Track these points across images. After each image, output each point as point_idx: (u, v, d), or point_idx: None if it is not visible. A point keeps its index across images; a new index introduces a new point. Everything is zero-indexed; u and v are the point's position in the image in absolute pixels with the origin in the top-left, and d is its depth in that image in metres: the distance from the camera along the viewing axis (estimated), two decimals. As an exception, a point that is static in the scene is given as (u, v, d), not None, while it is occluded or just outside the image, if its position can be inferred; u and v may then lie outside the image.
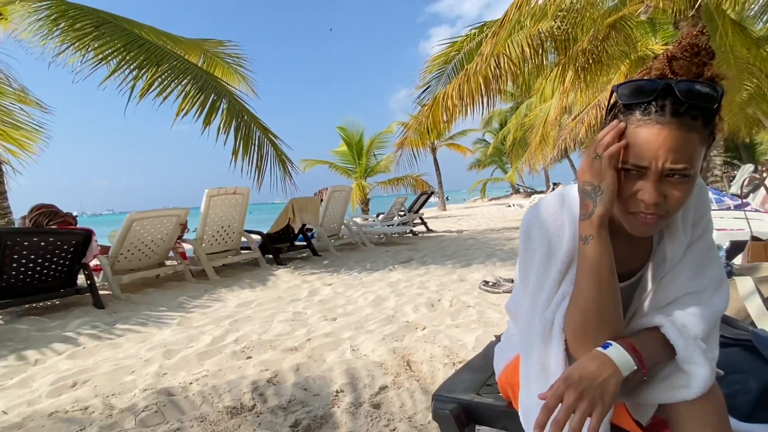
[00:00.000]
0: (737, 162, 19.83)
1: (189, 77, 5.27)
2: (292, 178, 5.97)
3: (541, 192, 26.81)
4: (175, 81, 5.16)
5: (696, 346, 0.84)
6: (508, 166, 33.17)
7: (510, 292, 3.79)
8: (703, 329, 0.86)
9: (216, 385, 2.15)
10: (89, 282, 3.99)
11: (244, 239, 5.97)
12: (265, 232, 6.24)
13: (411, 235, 9.35)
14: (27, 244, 3.64)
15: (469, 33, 8.70)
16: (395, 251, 6.87)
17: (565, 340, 0.88)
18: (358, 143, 20.01)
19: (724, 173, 8.74)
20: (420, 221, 10.47)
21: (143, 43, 5.21)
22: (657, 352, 0.86)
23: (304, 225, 6.58)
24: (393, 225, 9.10)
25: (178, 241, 5.24)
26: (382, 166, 20.11)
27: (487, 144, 34.18)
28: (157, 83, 5.05)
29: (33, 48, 4.99)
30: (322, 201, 7.29)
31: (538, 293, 0.92)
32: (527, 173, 23.04)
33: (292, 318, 3.36)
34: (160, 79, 5.07)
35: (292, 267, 5.74)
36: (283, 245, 6.60)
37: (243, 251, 5.93)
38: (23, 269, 3.68)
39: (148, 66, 5.03)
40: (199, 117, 5.21)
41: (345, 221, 7.83)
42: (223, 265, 5.78)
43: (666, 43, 9.98)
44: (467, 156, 27.07)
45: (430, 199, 11.70)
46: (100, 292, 4.25)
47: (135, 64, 4.98)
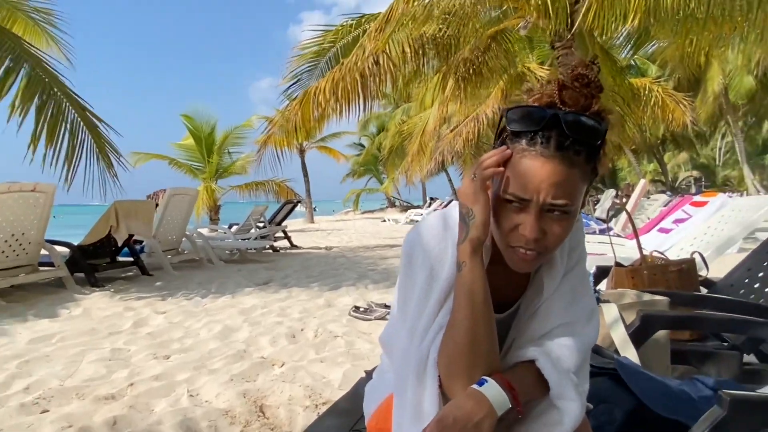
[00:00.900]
0: (601, 186, 23.28)
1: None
2: (116, 175, 5.43)
3: (418, 207, 28.35)
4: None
5: (569, 380, 0.92)
6: (384, 176, 34.48)
7: (383, 318, 3.90)
8: (576, 362, 0.95)
9: (-11, 456, 1.83)
10: None
11: (44, 252, 5.28)
12: (76, 243, 5.67)
13: (271, 252, 9.30)
14: None
15: (345, 24, 8.89)
16: (251, 270, 6.79)
17: (440, 376, 0.91)
18: (208, 137, 18.92)
19: (589, 197, 10.22)
20: (283, 235, 10.37)
21: None
22: (532, 387, 0.93)
23: (131, 236, 6.06)
24: (249, 239, 8.89)
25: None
26: (238, 166, 19.29)
27: (363, 149, 35.13)
28: None
29: None
30: (157, 206, 6.79)
31: (416, 323, 0.94)
32: (404, 185, 24.24)
33: (109, 357, 3.07)
34: None
35: (112, 289, 5.32)
36: (101, 261, 6.07)
37: (42, 268, 5.29)
38: None
39: None
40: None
41: (187, 232, 7.44)
42: (13, 287, 5.03)
43: (542, 62, 11.36)
44: (341, 162, 27.43)
45: (295, 210, 11.63)
46: None
47: None
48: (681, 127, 10.93)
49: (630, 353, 1.72)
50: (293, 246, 10.12)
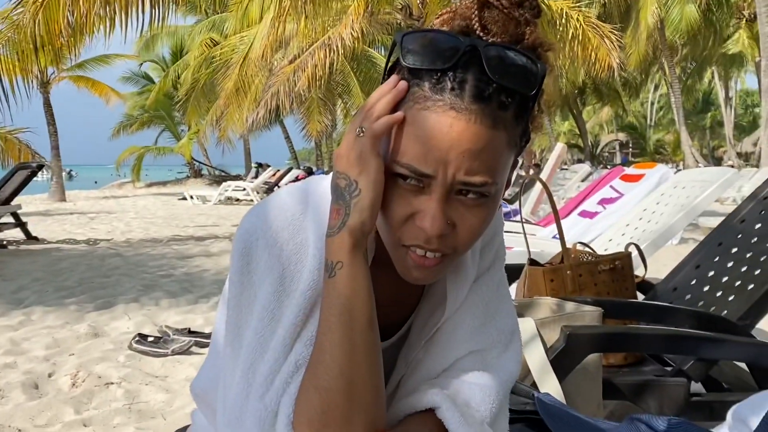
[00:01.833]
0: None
1: None
2: None
3: (237, 177, 27.99)
4: None
5: None
6: (183, 129, 33.42)
7: (187, 352, 3.83)
8: (491, 408, 0.98)
9: None
10: None
11: None
12: None
13: (-8, 248, 8.81)
14: None
15: None
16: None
17: None
18: None
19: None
20: (14, 220, 9.81)
21: None
22: None
23: None
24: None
25: None
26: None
27: (149, 84, 33.72)
28: None
29: None
30: None
31: (257, 362, 0.91)
32: (215, 144, 23.64)
33: None
34: None
35: None
36: None
37: None
38: None
39: None
40: None
41: None
42: None
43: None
44: (112, 104, 26.17)
45: (35, 179, 11.08)
46: None
47: None
48: (606, 72, 12.05)
49: (552, 387, 1.85)
50: (31, 238, 9.88)
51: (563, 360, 1.89)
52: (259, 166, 27.29)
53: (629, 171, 5.55)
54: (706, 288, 2.57)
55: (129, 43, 31.74)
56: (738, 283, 2.44)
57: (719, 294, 2.49)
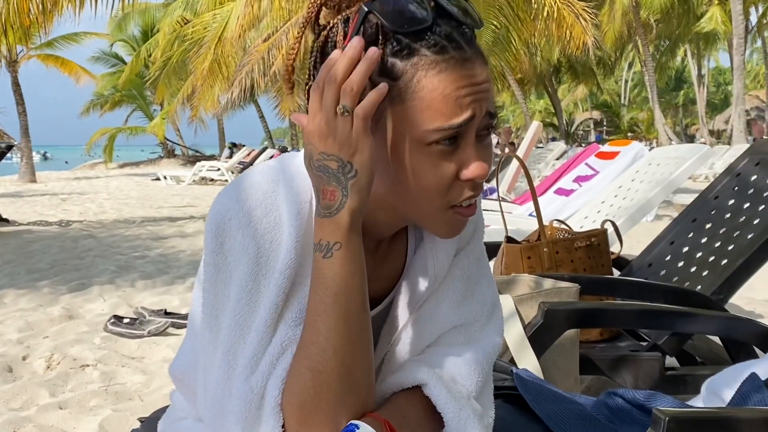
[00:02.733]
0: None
1: None
2: None
3: (211, 157, 27.79)
4: None
5: (470, 410, 0.97)
6: (155, 109, 33.02)
7: (163, 333, 3.86)
8: (477, 381, 1.00)
9: None
10: None
11: None
12: None
13: (-39, 231, 8.70)
14: None
15: None
16: None
17: (284, 425, 0.89)
18: None
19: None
20: None
21: None
22: (420, 427, 0.95)
23: None
24: None
25: None
26: None
27: (120, 63, 33.31)
28: None
29: None
30: None
31: (237, 344, 0.91)
32: (187, 124, 23.46)
33: None
34: None
35: None
36: None
37: None
38: None
39: None
40: None
41: None
42: None
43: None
44: (82, 83, 25.84)
45: (3, 159, 10.97)
46: None
47: None
48: (581, 50, 12.12)
49: (530, 362, 1.87)
50: (2, 221, 9.82)
51: (541, 336, 1.92)
52: (234, 145, 27.10)
53: (604, 148, 5.59)
54: (680, 263, 2.61)
55: (99, 21, 31.35)
56: (712, 259, 2.48)
57: (693, 269, 2.53)
